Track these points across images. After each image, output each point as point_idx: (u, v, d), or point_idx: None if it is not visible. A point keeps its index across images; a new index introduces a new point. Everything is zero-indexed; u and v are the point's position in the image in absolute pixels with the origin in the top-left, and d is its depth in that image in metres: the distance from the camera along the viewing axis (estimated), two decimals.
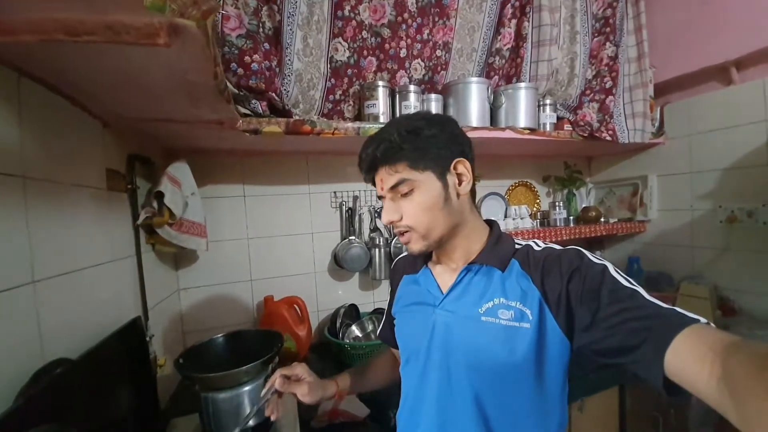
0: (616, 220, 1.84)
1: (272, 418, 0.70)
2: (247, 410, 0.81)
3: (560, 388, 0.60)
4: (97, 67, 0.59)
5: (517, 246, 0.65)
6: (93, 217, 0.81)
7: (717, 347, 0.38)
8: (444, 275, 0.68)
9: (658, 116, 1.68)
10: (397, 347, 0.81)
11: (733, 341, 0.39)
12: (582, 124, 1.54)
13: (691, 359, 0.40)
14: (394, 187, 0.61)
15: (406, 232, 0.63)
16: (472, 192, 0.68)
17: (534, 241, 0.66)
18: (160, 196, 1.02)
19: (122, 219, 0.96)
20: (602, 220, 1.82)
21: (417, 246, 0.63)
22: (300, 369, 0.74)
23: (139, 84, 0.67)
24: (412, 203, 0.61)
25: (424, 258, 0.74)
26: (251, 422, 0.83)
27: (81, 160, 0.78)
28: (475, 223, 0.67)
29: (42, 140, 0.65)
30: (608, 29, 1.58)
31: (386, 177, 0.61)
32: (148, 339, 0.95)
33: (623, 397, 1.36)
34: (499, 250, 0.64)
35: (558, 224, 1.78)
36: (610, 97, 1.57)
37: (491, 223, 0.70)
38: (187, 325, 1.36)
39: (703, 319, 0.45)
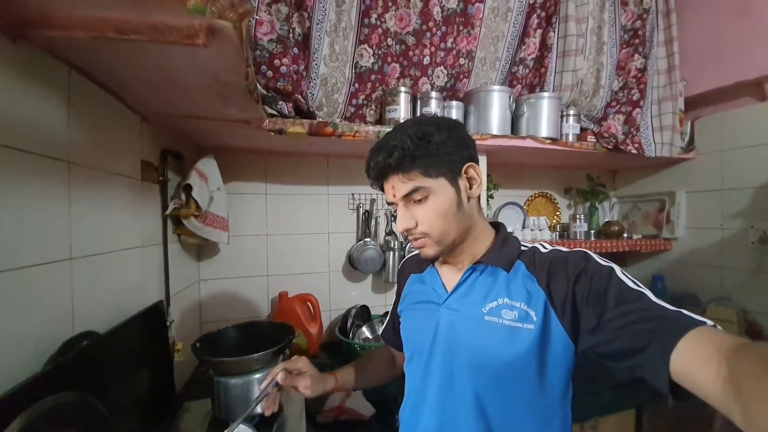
0: (640, 236, 1.78)
1: (266, 414, 0.68)
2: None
3: (562, 392, 0.59)
4: (140, 64, 0.64)
5: (523, 248, 0.65)
6: (126, 204, 0.86)
7: (723, 349, 0.38)
8: (449, 274, 0.69)
9: (689, 131, 1.63)
10: (397, 348, 0.82)
11: (740, 343, 0.38)
12: (606, 135, 1.51)
13: (697, 361, 0.39)
14: (407, 195, 0.60)
15: (421, 237, 0.62)
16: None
17: (541, 243, 0.65)
18: (188, 189, 1.08)
19: (152, 208, 1.02)
20: (625, 235, 1.77)
21: (431, 251, 0.63)
22: (302, 363, 0.72)
23: (176, 82, 0.72)
24: (427, 210, 0.60)
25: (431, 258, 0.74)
26: (258, 409, 0.86)
27: (119, 150, 0.84)
28: (483, 226, 0.67)
29: (87, 129, 0.71)
30: (637, 41, 1.55)
31: (399, 185, 0.60)
32: (168, 324, 1.00)
33: (640, 420, 1.31)
34: (504, 250, 0.64)
35: (578, 237, 1.74)
36: (637, 110, 1.54)
37: (498, 226, 0.70)
38: (205, 315, 1.41)
39: (709, 322, 0.44)
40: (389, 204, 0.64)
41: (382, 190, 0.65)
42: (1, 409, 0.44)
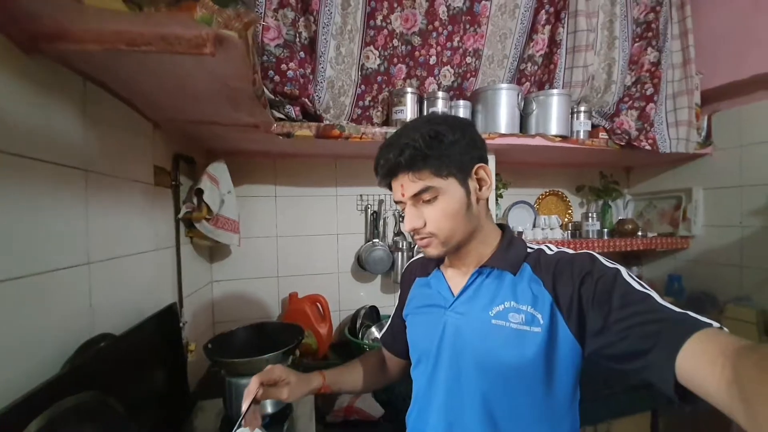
0: (655, 234, 1.74)
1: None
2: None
3: (570, 395, 0.59)
4: (152, 73, 0.66)
5: (529, 250, 0.65)
6: (140, 209, 0.89)
7: (728, 351, 0.38)
8: (455, 278, 0.68)
9: (705, 125, 1.58)
10: (395, 354, 0.82)
11: (745, 345, 0.38)
12: (619, 132, 1.48)
13: (703, 363, 0.39)
14: (416, 195, 0.59)
15: (427, 237, 0.61)
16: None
17: (547, 245, 0.65)
18: (200, 192, 1.10)
19: (165, 212, 1.04)
20: (639, 234, 1.72)
21: (436, 251, 0.62)
22: (277, 372, 0.66)
23: (187, 89, 0.74)
24: (436, 210, 0.59)
25: (437, 261, 0.73)
26: (269, 410, 0.88)
27: (133, 157, 0.87)
28: (489, 228, 0.67)
29: (102, 138, 0.73)
30: (650, 34, 1.51)
31: (408, 184, 0.59)
32: (181, 325, 1.02)
33: (656, 423, 1.28)
34: (510, 253, 0.64)
35: (591, 236, 1.71)
36: (651, 105, 1.50)
37: (503, 227, 0.70)
38: (218, 316, 1.44)
39: (715, 324, 0.43)
40: (397, 203, 0.64)
41: (390, 188, 0.65)
42: (22, 409, 0.46)
